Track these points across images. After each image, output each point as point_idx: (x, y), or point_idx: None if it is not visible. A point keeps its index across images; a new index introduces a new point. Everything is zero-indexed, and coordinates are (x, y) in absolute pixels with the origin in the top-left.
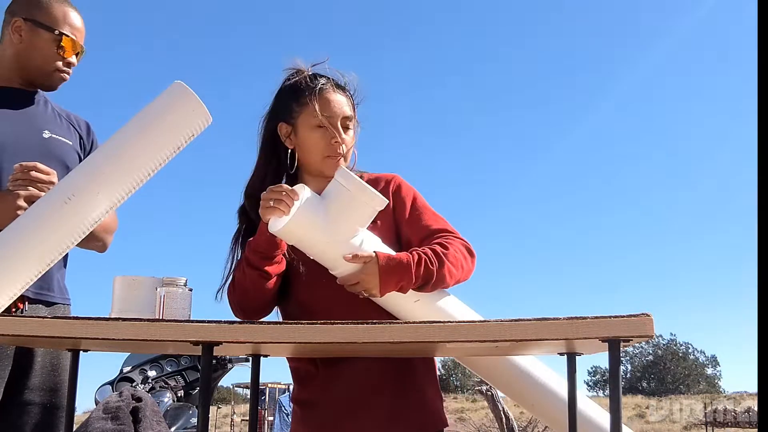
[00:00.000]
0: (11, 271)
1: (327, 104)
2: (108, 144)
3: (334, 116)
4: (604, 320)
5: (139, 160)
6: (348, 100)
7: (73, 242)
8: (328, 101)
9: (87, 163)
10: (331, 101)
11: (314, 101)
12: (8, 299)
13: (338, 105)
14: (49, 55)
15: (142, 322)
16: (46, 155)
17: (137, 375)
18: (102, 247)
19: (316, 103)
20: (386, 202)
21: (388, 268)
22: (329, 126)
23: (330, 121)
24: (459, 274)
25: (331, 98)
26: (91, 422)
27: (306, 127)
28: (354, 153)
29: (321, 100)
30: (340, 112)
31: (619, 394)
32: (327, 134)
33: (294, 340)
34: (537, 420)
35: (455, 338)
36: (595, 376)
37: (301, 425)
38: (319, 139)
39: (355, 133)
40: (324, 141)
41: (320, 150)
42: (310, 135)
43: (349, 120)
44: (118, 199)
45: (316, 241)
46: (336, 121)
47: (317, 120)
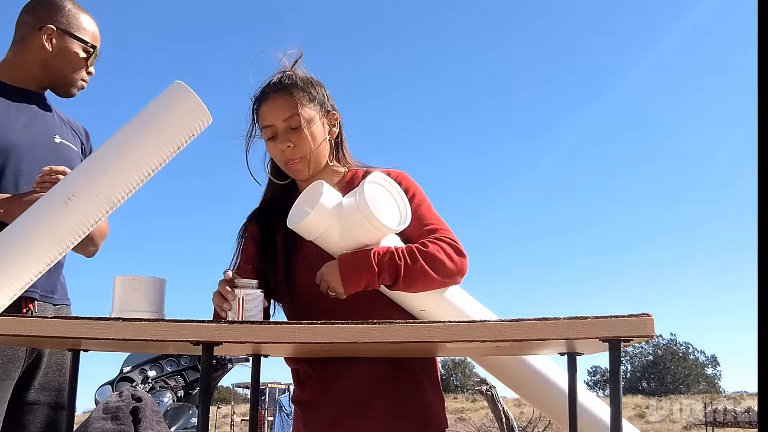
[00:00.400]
0: (11, 271)
1: (264, 114)
2: (108, 144)
3: (274, 123)
4: (604, 320)
5: (139, 160)
6: (292, 101)
7: (73, 242)
8: (265, 110)
9: (87, 164)
10: (268, 108)
11: (257, 115)
12: (8, 299)
13: (273, 112)
14: (78, 65)
15: (142, 322)
16: (58, 159)
17: (137, 375)
18: (94, 252)
19: (258, 118)
20: (398, 229)
21: (346, 263)
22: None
23: (272, 130)
24: (440, 273)
25: (267, 106)
26: (91, 422)
27: (265, 142)
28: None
29: (261, 112)
30: (278, 116)
31: (620, 394)
32: (275, 144)
33: (294, 340)
34: (537, 420)
35: (455, 338)
36: (595, 376)
37: (301, 426)
38: (273, 149)
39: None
40: (277, 152)
41: (279, 160)
42: (268, 148)
43: (293, 120)
44: (119, 199)
45: (331, 244)
46: (278, 127)
47: (264, 132)
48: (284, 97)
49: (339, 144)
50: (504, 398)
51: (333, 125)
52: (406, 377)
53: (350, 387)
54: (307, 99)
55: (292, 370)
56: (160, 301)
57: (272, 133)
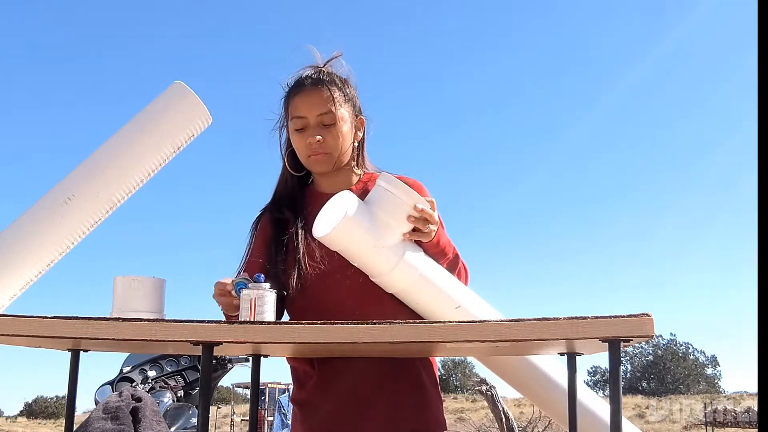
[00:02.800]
0: (11, 271)
1: (299, 105)
2: (108, 144)
3: (307, 116)
4: (604, 320)
5: (139, 160)
6: (330, 96)
7: (74, 242)
8: (301, 101)
9: (87, 164)
10: (304, 101)
11: (291, 104)
12: (8, 299)
13: (311, 103)
14: None
15: (142, 322)
16: None
17: (137, 375)
18: None
19: (291, 107)
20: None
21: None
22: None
23: (303, 122)
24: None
25: (304, 97)
26: (91, 422)
27: (291, 131)
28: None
29: (295, 102)
30: (313, 109)
31: (619, 394)
32: (303, 135)
33: (294, 340)
34: (537, 420)
35: (455, 338)
36: (595, 376)
37: (300, 426)
38: (299, 141)
39: (346, 127)
40: (302, 143)
41: (302, 151)
42: (293, 138)
43: (327, 116)
44: (119, 199)
45: (362, 247)
46: (310, 120)
47: (293, 123)
48: (322, 92)
49: (361, 148)
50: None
51: (359, 129)
52: (406, 377)
53: (350, 387)
54: (343, 98)
55: (291, 369)
56: (160, 301)
57: (303, 125)
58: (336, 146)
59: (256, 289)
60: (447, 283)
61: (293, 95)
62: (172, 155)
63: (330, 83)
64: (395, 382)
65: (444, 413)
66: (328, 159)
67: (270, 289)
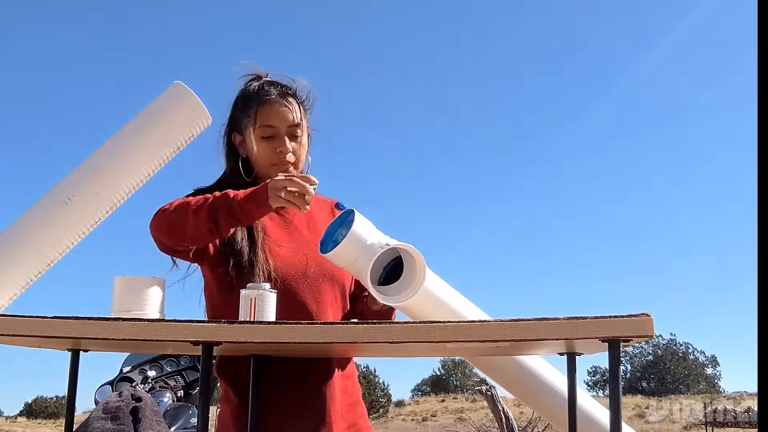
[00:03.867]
0: (11, 271)
1: (270, 114)
2: (108, 144)
3: (278, 126)
4: (604, 320)
5: (139, 160)
6: (296, 108)
7: (74, 242)
8: (272, 111)
9: (87, 164)
10: (275, 111)
11: (258, 112)
12: (8, 299)
13: (282, 114)
14: None
15: (142, 322)
16: None
17: (137, 375)
18: None
19: (259, 114)
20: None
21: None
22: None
23: (274, 131)
24: None
25: (275, 108)
26: (91, 422)
27: (254, 138)
28: (308, 159)
29: (265, 110)
30: (284, 120)
31: (619, 394)
32: (272, 144)
33: (294, 340)
34: (537, 420)
35: (455, 338)
36: (595, 376)
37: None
38: (265, 148)
39: (306, 139)
40: (270, 150)
41: (267, 159)
42: (257, 145)
43: (297, 127)
44: (119, 199)
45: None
46: (280, 131)
47: (262, 130)
48: (292, 104)
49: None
50: (504, 398)
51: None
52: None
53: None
54: (304, 113)
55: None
56: (159, 301)
57: (272, 134)
58: (300, 158)
59: (257, 289)
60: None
61: (260, 104)
62: (172, 155)
63: (295, 96)
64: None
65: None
66: (293, 170)
67: (270, 289)
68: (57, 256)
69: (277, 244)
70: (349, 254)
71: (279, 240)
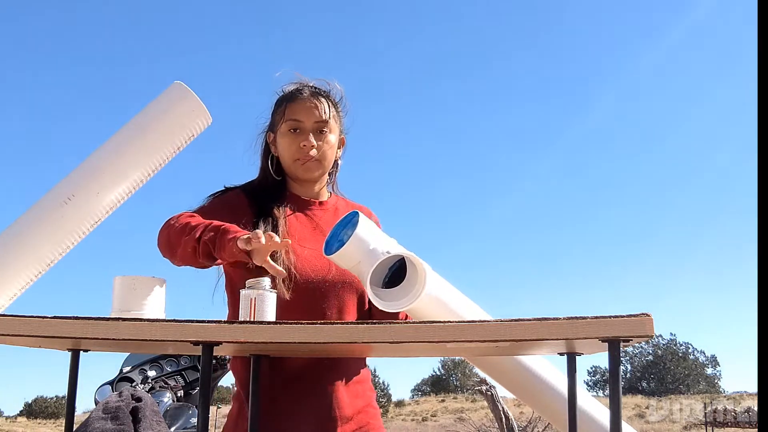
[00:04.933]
0: (12, 271)
1: (298, 109)
2: (108, 144)
3: (304, 120)
4: (604, 320)
5: (140, 160)
6: (325, 106)
7: (74, 242)
8: (300, 106)
9: (87, 164)
10: (303, 106)
11: (287, 108)
12: (8, 299)
13: (310, 109)
14: None
15: (142, 322)
16: None
17: (137, 375)
18: None
19: (288, 110)
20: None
21: None
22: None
23: (299, 125)
24: None
25: (304, 104)
26: (91, 422)
27: (280, 133)
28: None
29: (293, 106)
30: (311, 116)
31: (619, 394)
32: (297, 138)
33: (294, 340)
34: (537, 420)
35: (455, 338)
36: (595, 376)
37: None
38: (290, 142)
39: (334, 140)
40: (294, 144)
41: (291, 153)
42: (282, 140)
43: (324, 124)
44: (119, 199)
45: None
46: (306, 125)
47: (288, 124)
48: (322, 102)
49: (336, 166)
50: (504, 398)
51: (340, 147)
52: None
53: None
54: (336, 115)
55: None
56: (160, 300)
57: (296, 127)
58: (325, 155)
59: (256, 289)
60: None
61: (290, 101)
62: (172, 155)
63: (327, 97)
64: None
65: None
66: (317, 165)
67: (270, 288)
68: (57, 256)
69: (301, 244)
70: (353, 256)
71: (303, 240)
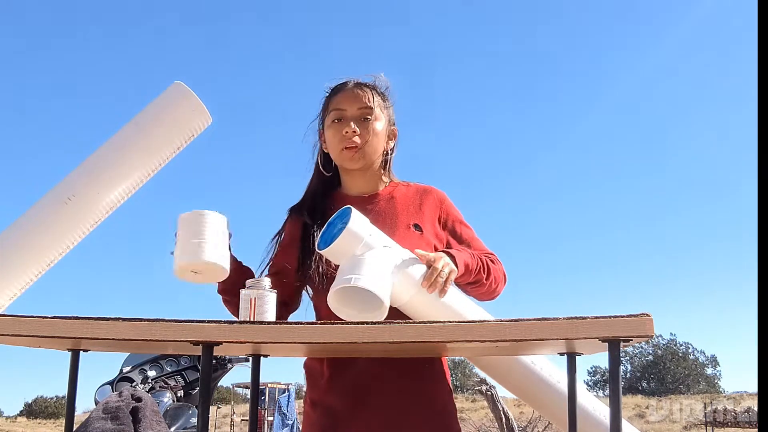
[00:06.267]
0: (12, 271)
1: (341, 98)
2: (108, 144)
3: (346, 108)
4: (604, 320)
5: (140, 160)
6: (369, 94)
7: (74, 242)
8: (343, 96)
9: (87, 164)
10: (346, 95)
11: (332, 100)
12: (8, 299)
13: (352, 97)
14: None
15: (142, 322)
16: None
17: (137, 375)
18: None
19: (332, 101)
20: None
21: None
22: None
23: (342, 113)
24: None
25: (347, 93)
26: (90, 422)
27: (326, 126)
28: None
29: (337, 97)
30: (354, 103)
31: (619, 394)
32: (340, 126)
33: (294, 340)
34: (537, 420)
35: (455, 338)
36: (595, 376)
37: (309, 426)
38: (334, 132)
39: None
40: (339, 134)
41: (336, 143)
42: (328, 131)
43: (368, 111)
44: (119, 199)
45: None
46: (349, 113)
47: (332, 114)
48: (365, 91)
49: (388, 159)
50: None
51: (391, 138)
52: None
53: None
54: (383, 104)
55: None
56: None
57: (340, 116)
58: (369, 142)
59: (256, 289)
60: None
61: (335, 93)
62: (172, 155)
63: (374, 87)
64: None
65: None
66: (360, 154)
67: (270, 288)
68: (57, 256)
69: None
70: (344, 253)
71: None
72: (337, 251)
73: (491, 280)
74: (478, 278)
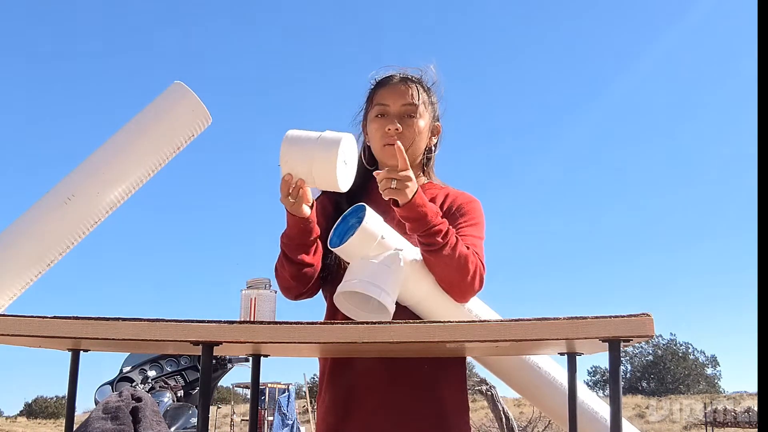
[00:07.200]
0: (12, 271)
1: (385, 93)
2: (108, 144)
3: (390, 104)
4: (604, 320)
5: (140, 160)
6: (414, 90)
7: (74, 242)
8: (387, 91)
9: (87, 164)
10: (391, 90)
11: (376, 94)
12: (8, 299)
13: (397, 93)
14: None
15: (142, 322)
16: None
17: (137, 375)
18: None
19: (376, 96)
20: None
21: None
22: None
23: (385, 109)
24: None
25: (392, 88)
26: (91, 422)
27: (369, 120)
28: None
29: (381, 91)
30: (398, 99)
31: (619, 394)
32: (383, 122)
33: (294, 340)
34: (537, 420)
35: (455, 338)
36: (595, 376)
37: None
38: (377, 127)
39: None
40: (381, 129)
41: (377, 140)
42: (371, 126)
43: (412, 108)
44: (119, 199)
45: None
46: (392, 109)
47: (375, 110)
48: (410, 87)
49: (430, 157)
50: (504, 398)
51: (434, 134)
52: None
53: (353, 385)
54: (428, 100)
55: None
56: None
57: (384, 112)
58: (411, 138)
59: (256, 289)
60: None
61: (380, 87)
62: (172, 155)
63: (418, 83)
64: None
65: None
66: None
67: (270, 288)
68: (57, 256)
69: None
70: (356, 253)
71: None
72: (349, 250)
73: (451, 256)
74: (433, 241)
